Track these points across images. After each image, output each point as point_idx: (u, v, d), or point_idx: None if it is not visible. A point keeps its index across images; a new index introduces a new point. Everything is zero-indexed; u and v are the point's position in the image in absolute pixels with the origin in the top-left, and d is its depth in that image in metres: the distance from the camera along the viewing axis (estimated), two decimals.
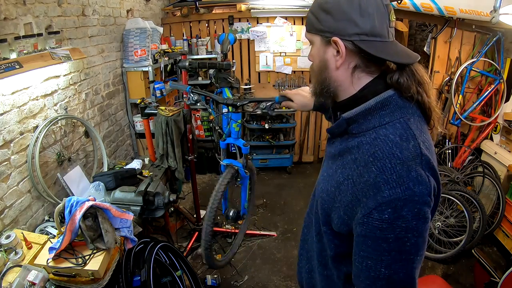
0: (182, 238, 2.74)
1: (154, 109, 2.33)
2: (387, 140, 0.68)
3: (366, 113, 0.72)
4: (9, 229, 1.57)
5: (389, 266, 0.68)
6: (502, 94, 2.73)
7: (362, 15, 0.67)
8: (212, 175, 3.85)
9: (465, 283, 2.33)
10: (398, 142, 0.67)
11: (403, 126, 0.69)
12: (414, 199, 0.64)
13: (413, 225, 0.65)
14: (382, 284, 0.69)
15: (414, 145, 0.67)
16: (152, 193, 1.91)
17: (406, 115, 0.71)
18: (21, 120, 1.69)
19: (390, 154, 0.66)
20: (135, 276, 1.63)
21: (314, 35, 0.76)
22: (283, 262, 2.54)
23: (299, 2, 3.67)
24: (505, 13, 1.93)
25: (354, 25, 0.68)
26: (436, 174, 0.70)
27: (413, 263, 0.68)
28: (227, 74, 2.19)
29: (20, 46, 1.60)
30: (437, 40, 2.81)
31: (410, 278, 0.69)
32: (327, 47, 0.73)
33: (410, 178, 0.65)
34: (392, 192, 0.64)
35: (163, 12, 3.93)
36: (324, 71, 0.76)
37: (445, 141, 2.97)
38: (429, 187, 0.66)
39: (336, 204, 0.76)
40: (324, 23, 0.72)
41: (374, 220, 0.66)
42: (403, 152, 0.66)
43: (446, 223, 2.54)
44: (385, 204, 0.65)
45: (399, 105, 0.71)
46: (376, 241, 0.67)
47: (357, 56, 0.71)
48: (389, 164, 0.66)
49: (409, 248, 0.66)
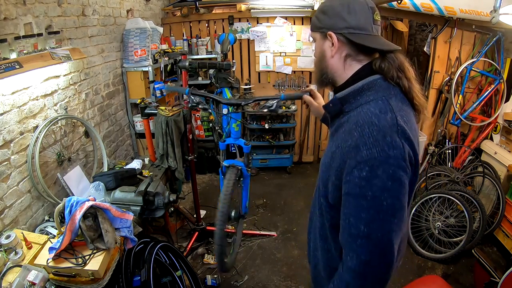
0: (182, 238, 2.74)
1: (154, 109, 2.33)
2: (368, 112, 0.81)
3: (356, 94, 0.86)
4: (9, 229, 1.57)
5: (368, 224, 0.76)
6: (502, 94, 2.73)
7: (349, 13, 0.84)
8: (212, 175, 3.85)
9: (465, 283, 2.33)
10: (377, 114, 0.79)
11: (384, 103, 0.81)
12: (389, 161, 0.74)
13: (389, 185, 0.74)
14: (361, 242, 0.77)
15: (391, 116, 0.79)
16: (152, 193, 1.91)
17: (388, 95, 0.83)
18: (21, 120, 1.69)
19: (369, 122, 0.78)
20: (135, 276, 1.63)
21: (316, 33, 0.93)
22: (283, 262, 2.54)
23: (299, 2, 3.67)
24: (505, 13, 1.92)
25: (343, 20, 0.84)
26: (413, 145, 0.79)
27: (391, 225, 0.76)
28: (227, 74, 2.19)
29: (20, 46, 1.60)
30: (437, 40, 2.81)
31: (387, 240, 0.77)
32: (325, 40, 0.90)
33: (385, 142, 0.75)
34: (369, 152, 0.75)
35: (163, 12, 3.93)
36: (323, 60, 0.92)
37: (445, 141, 2.97)
38: (403, 153, 0.76)
39: (330, 173, 0.86)
40: (322, 21, 0.89)
41: (355, 178, 0.77)
42: (380, 121, 0.78)
43: (446, 223, 2.54)
44: (363, 163, 0.76)
45: (382, 87, 0.85)
46: (356, 198, 0.77)
47: (347, 46, 0.87)
48: (367, 130, 0.77)
49: (386, 208, 0.75)
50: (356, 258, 0.79)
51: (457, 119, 2.84)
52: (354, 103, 0.86)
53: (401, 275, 2.41)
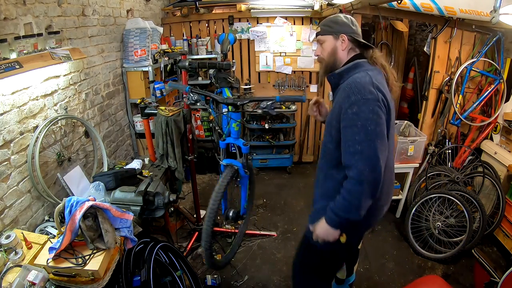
0: (182, 238, 2.73)
1: (154, 109, 2.33)
2: (354, 77, 1.27)
3: (348, 70, 1.33)
4: (9, 229, 1.57)
5: (360, 143, 1.16)
6: (502, 94, 2.73)
7: (353, 24, 1.36)
8: (212, 175, 3.85)
9: (465, 283, 2.33)
10: (359, 77, 1.25)
11: (364, 72, 1.27)
12: (369, 101, 1.17)
13: (370, 116, 1.16)
14: (358, 157, 1.17)
15: (369, 78, 1.23)
16: (152, 193, 1.91)
17: (368, 69, 1.29)
18: (21, 120, 1.69)
19: (355, 81, 1.23)
20: (135, 276, 1.63)
21: (327, 36, 1.37)
22: (283, 262, 2.54)
23: (299, 2, 3.67)
24: (505, 13, 1.92)
25: (350, 28, 1.35)
26: (385, 95, 1.22)
27: (375, 144, 1.16)
28: (227, 74, 2.19)
29: (20, 46, 1.60)
30: (437, 40, 2.81)
31: (375, 155, 1.16)
32: (336, 40, 1.36)
33: (365, 91, 1.19)
34: (355, 97, 1.19)
35: (163, 12, 3.93)
36: (335, 53, 1.37)
37: (445, 141, 2.97)
38: (377, 97, 1.19)
39: (333, 122, 1.28)
40: (334, 28, 1.35)
41: (349, 114, 1.19)
42: (361, 80, 1.23)
43: (446, 223, 2.54)
44: (353, 104, 1.19)
45: (366, 66, 1.32)
46: (351, 127, 1.19)
47: (351, 43, 1.35)
48: (354, 85, 1.22)
49: (370, 132, 1.16)
50: (354, 169, 1.18)
51: (457, 119, 2.83)
52: (346, 76, 1.32)
53: (401, 275, 2.41)
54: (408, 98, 3.99)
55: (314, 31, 3.73)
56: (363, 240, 2.76)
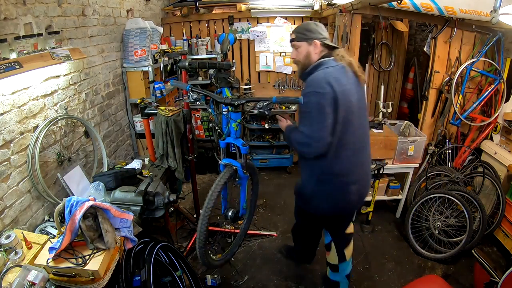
0: (182, 238, 2.73)
1: (154, 109, 2.33)
2: (314, 74, 1.56)
3: (313, 68, 1.61)
4: (9, 229, 1.57)
5: (305, 125, 1.54)
6: (502, 94, 2.73)
7: (322, 31, 1.65)
8: (212, 175, 3.85)
9: (465, 283, 2.33)
10: (317, 74, 1.54)
11: (324, 71, 1.55)
12: (317, 93, 1.48)
13: (316, 105, 1.48)
14: (302, 135, 1.54)
15: (323, 75, 1.51)
16: (152, 193, 1.91)
17: (329, 67, 1.56)
18: (21, 120, 1.69)
19: (313, 78, 1.55)
20: (135, 276, 1.63)
21: (302, 42, 1.65)
22: (283, 262, 2.54)
23: (299, 2, 3.68)
24: (505, 13, 1.92)
25: (320, 35, 1.63)
26: (335, 91, 1.47)
27: (319, 126, 1.49)
28: (227, 74, 2.18)
29: (20, 46, 1.60)
30: (437, 40, 2.81)
31: (314, 133, 1.50)
32: (310, 45, 1.63)
33: (317, 85, 1.50)
34: (307, 89, 1.52)
35: (163, 12, 3.93)
36: (309, 57, 1.64)
37: (445, 141, 2.97)
38: (325, 92, 1.47)
39: None
40: (308, 35, 1.63)
41: (301, 103, 1.50)
42: (317, 77, 1.53)
43: (446, 223, 2.55)
44: (305, 94, 1.51)
45: (329, 63, 1.58)
46: (301, 114, 1.57)
47: (321, 47, 1.63)
48: (310, 80, 1.55)
49: (313, 117, 1.50)
50: (302, 132, 1.55)
51: (457, 119, 2.83)
52: (311, 73, 1.59)
53: (401, 275, 2.41)
54: (408, 98, 3.99)
55: None
56: (363, 240, 2.77)
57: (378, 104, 3.04)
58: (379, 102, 2.97)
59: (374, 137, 2.68)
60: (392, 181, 2.97)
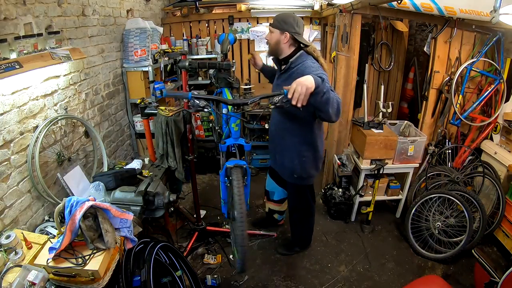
0: (182, 238, 2.73)
1: (154, 109, 2.32)
2: (308, 63, 1.85)
3: (297, 58, 1.91)
4: (9, 229, 1.57)
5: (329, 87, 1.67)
6: (502, 94, 2.72)
7: (297, 26, 1.87)
8: (212, 175, 3.85)
9: (465, 283, 2.33)
10: (310, 62, 1.86)
11: (310, 60, 1.88)
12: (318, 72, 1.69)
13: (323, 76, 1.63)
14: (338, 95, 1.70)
15: (316, 64, 1.87)
16: (152, 193, 1.91)
17: (309, 58, 1.89)
18: (21, 120, 1.69)
19: (310, 65, 1.83)
20: (135, 276, 1.62)
21: (276, 29, 1.89)
22: (283, 262, 2.54)
23: (299, 2, 3.67)
24: (505, 13, 1.92)
25: (293, 28, 1.86)
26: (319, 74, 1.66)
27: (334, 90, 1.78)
28: (227, 74, 2.18)
29: (20, 46, 1.60)
30: (437, 40, 2.81)
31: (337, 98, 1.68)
32: (281, 35, 1.88)
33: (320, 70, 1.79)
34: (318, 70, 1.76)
35: (163, 12, 3.93)
36: (278, 44, 1.92)
37: (445, 141, 2.97)
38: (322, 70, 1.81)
39: None
40: (282, 26, 1.87)
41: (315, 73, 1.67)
42: (313, 65, 1.84)
43: (446, 223, 2.54)
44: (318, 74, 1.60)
45: (306, 56, 1.91)
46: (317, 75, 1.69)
47: (292, 39, 1.89)
48: (310, 67, 1.81)
49: None
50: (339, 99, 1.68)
51: (457, 119, 2.84)
52: (296, 62, 1.91)
53: (401, 275, 2.41)
54: (408, 98, 3.99)
55: (314, 31, 3.73)
56: (363, 240, 2.77)
57: (378, 104, 3.04)
58: (379, 102, 2.97)
59: (374, 137, 2.69)
60: (392, 181, 2.97)
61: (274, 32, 1.90)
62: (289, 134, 2.06)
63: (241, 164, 1.86)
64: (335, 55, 3.18)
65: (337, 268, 2.48)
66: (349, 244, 2.75)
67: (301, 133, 2.04)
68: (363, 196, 2.92)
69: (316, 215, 3.14)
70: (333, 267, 2.49)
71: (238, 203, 1.72)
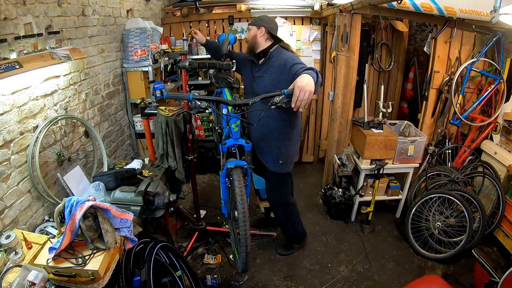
0: (182, 238, 2.73)
1: (154, 109, 2.32)
2: (287, 54, 2.09)
3: (274, 50, 2.12)
4: (9, 229, 1.57)
5: None
6: (502, 94, 2.73)
7: (272, 23, 2.14)
8: (212, 175, 3.85)
9: (465, 283, 2.33)
10: (290, 53, 2.11)
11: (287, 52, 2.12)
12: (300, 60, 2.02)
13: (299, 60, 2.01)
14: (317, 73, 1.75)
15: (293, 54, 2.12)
16: (152, 193, 1.91)
17: (284, 50, 2.12)
18: (21, 120, 1.69)
19: (291, 56, 2.07)
20: (135, 276, 1.63)
21: (253, 26, 2.12)
22: (283, 262, 2.54)
23: (299, 2, 3.67)
24: (505, 13, 1.92)
25: (268, 24, 2.10)
26: None
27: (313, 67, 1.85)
28: (227, 74, 2.19)
29: (20, 46, 1.60)
30: (437, 40, 2.81)
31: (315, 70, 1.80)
32: (258, 30, 2.10)
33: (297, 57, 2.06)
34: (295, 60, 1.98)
35: (163, 12, 3.93)
36: (255, 38, 2.11)
37: (445, 141, 2.97)
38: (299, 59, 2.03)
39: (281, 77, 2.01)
40: (259, 22, 2.11)
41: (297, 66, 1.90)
42: (293, 55, 2.10)
43: (446, 223, 2.55)
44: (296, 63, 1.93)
45: (281, 49, 2.13)
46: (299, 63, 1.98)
47: (267, 34, 2.11)
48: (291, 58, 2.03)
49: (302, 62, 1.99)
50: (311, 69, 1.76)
51: (457, 119, 2.84)
52: (274, 54, 2.10)
53: (401, 275, 2.41)
54: (408, 98, 3.99)
55: (314, 31, 3.73)
56: (363, 240, 2.77)
57: (378, 104, 3.04)
58: (379, 102, 2.97)
59: (374, 137, 2.69)
60: (392, 181, 2.97)
61: (252, 29, 2.11)
62: (272, 119, 2.11)
63: (241, 164, 1.86)
64: (335, 55, 3.18)
65: (337, 268, 2.48)
66: (349, 244, 2.75)
67: (285, 117, 2.11)
68: (363, 196, 2.92)
69: (316, 215, 3.14)
70: (333, 267, 2.50)
71: (240, 203, 1.72)
